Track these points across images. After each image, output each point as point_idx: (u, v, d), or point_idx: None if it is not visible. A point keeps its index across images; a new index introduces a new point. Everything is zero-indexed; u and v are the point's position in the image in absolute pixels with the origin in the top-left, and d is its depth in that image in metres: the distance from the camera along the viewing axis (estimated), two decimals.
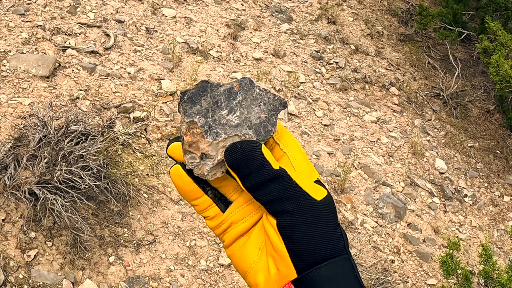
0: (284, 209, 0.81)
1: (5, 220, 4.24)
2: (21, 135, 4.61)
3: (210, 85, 0.85)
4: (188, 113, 0.84)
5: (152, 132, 5.60)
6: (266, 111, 0.87)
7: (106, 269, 4.41)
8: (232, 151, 0.82)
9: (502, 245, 6.45)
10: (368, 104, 7.60)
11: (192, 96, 0.85)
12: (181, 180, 0.89)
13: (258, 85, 0.87)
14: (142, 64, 6.42)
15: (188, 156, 0.86)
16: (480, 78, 8.97)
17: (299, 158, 0.88)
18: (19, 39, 6.01)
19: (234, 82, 0.86)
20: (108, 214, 4.70)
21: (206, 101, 0.85)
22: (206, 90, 0.85)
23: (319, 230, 0.81)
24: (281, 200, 0.81)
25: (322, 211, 0.82)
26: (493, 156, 7.68)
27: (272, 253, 0.83)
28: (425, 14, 8.86)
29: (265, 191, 0.81)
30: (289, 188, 0.81)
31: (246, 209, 0.89)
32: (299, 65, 7.78)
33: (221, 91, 0.85)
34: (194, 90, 0.85)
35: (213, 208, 0.91)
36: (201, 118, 0.84)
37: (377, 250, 5.65)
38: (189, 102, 0.85)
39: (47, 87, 5.52)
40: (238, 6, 8.39)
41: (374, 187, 6.33)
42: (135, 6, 7.41)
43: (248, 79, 0.87)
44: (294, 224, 0.80)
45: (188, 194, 0.90)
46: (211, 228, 0.92)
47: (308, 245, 0.80)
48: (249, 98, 0.86)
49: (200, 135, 0.84)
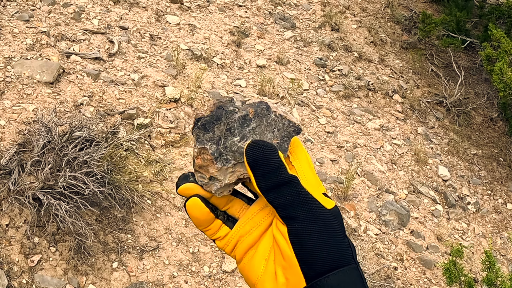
0: (296, 215, 0.81)
1: (9, 225, 4.24)
2: (25, 140, 4.62)
3: (225, 112, 0.86)
4: (200, 139, 0.86)
5: (155, 139, 5.61)
6: (279, 137, 0.87)
7: (110, 275, 4.41)
8: (253, 147, 0.83)
9: (505, 252, 6.44)
10: (372, 112, 7.61)
11: (205, 123, 0.86)
12: (199, 211, 0.90)
13: (274, 111, 0.87)
14: (146, 70, 6.43)
15: (198, 175, 0.88)
16: (483, 85, 8.97)
17: (307, 171, 0.88)
18: (24, 45, 6.03)
19: (250, 108, 0.86)
20: (111, 220, 4.70)
21: (219, 129, 0.85)
22: (220, 119, 0.86)
23: (329, 239, 0.81)
24: (294, 206, 0.81)
25: (332, 220, 0.83)
26: (496, 163, 7.68)
27: (281, 262, 0.84)
28: (428, 22, 8.87)
29: (279, 194, 0.82)
30: (302, 195, 0.82)
31: (252, 221, 0.90)
32: (303, 72, 7.79)
33: (235, 118, 0.86)
34: (208, 118, 0.86)
35: (223, 228, 0.92)
36: (212, 145, 0.86)
37: (380, 257, 5.64)
38: (202, 129, 0.86)
39: (51, 93, 5.54)
40: (242, 13, 8.41)
41: (377, 194, 6.33)
42: (139, 13, 7.43)
43: (265, 104, 0.87)
44: (305, 232, 0.81)
45: (203, 223, 0.92)
46: (221, 248, 0.93)
47: (318, 254, 0.80)
48: (263, 124, 0.87)
49: (210, 161, 0.86)
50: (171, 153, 5.55)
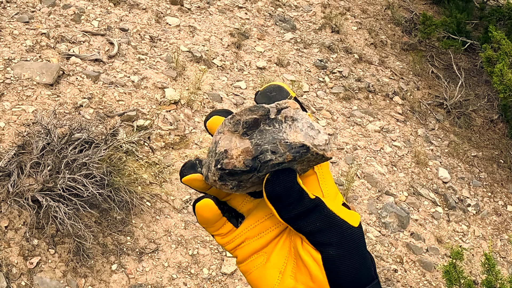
0: (329, 241, 0.80)
1: (8, 227, 4.24)
2: (24, 142, 4.62)
3: (260, 165, 0.79)
4: (224, 179, 0.81)
5: (155, 141, 5.61)
6: (306, 166, 0.82)
7: (109, 277, 4.40)
8: (272, 182, 0.80)
9: (506, 254, 6.43)
10: (372, 113, 7.60)
11: (233, 173, 0.80)
12: (211, 213, 0.87)
13: (313, 152, 0.79)
14: (146, 72, 6.43)
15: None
16: (484, 87, 8.96)
17: (328, 180, 0.86)
18: (23, 46, 6.03)
19: (288, 153, 0.78)
20: (111, 222, 4.70)
21: (247, 176, 0.80)
22: (252, 171, 0.80)
23: (360, 260, 0.81)
24: (324, 231, 0.80)
25: (361, 238, 0.82)
26: (496, 165, 7.67)
27: (308, 283, 0.82)
28: (428, 24, 8.87)
29: (307, 222, 0.80)
30: (331, 218, 0.81)
31: (262, 225, 0.88)
32: (303, 74, 7.79)
33: (268, 166, 0.79)
34: (240, 172, 0.79)
35: (226, 225, 0.90)
36: (233, 182, 0.82)
37: (380, 259, 5.64)
38: (229, 175, 0.80)
39: (51, 95, 5.54)
40: (242, 15, 8.41)
41: (377, 196, 6.32)
42: (139, 14, 7.43)
43: (307, 148, 0.79)
44: (340, 257, 0.80)
45: (211, 223, 0.89)
46: (222, 244, 0.91)
47: (351, 276, 0.80)
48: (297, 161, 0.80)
49: (227, 190, 0.83)
50: (171, 155, 5.54)
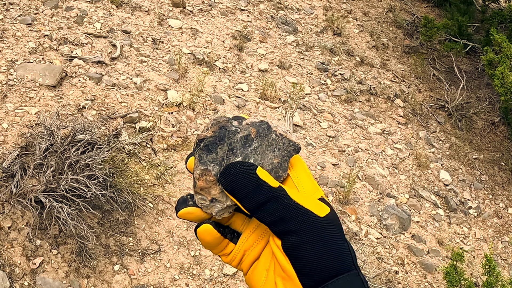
0: (288, 229, 0.81)
1: (11, 228, 4.26)
2: (27, 143, 4.64)
3: (227, 132, 0.86)
4: (203, 160, 0.86)
5: (157, 142, 5.62)
6: (280, 157, 0.88)
7: (111, 278, 4.42)
8: (226, 174, 0.83)
9: (506, 256, 6.44)
10: (373, 116, 7.61)
11: (208, 144, 0.86)
12: (211, 237, 0.90)
13: (275, 130, 0.88)
14: (148, 74, 6.45)
15: (199, 197, 0.88)
16: (485, 90, 8.97)
17: (303, 177, 0.88)
18: (26, 48, 6.05)
19: (252, 128, 0.87)
20: (113, 223, 4.72)
21: (222, 150, 0.86)
22: (223, 139, 0.86)
23: (325, 247, 0.80)
24: (284, 220, 0.81)
25: (327, 227, 0.82)
26: (497, 168, 7.68)
27: (281, 273, 0.83)
28: (430, 26, 8.88)
29: (267, 212, 0.82)
30: (290, 207, 0.81)
31: (254, 234, 0.91)
32: (305, 76, 7.80)
33: (237, 138, 0.86)
34: (212, 139, 0.86)
35: (229, 245, 0.92)
36: (215, 167, 0.86)
37: (381, 261, 5.64)
38: (205, 150, 0.86)
39: (54, 96, 5.56)
40: (244, 17, 8.43)
41: (379, 198, 6.33)
42: (142, 17, 7.45)
43: (266, 123, 0.88)
44: (299, 243, 0.80)
45: (214, 246, 0.92)
46: (227, 262, 0.93)
47: (315, 263, 0.80)
48: (264, 144, 0.87)
49: (212, 182, 0.86)
50: (173, 156, 5.56)
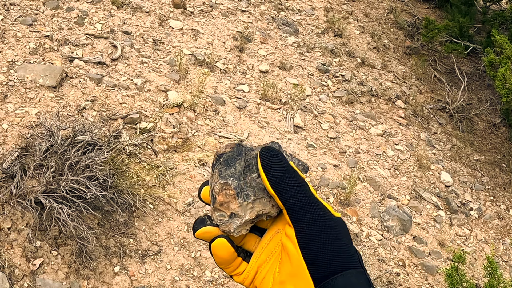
0: (305, 218, 0.83)
1: (11, 229, 4.25)
2: (28, 144, 4.63)
3: (244, 149, 0.91)
4: (223, 175, 0.90)
5: (158, 143, 5.61)
6: None
7: (111, 279, 4.41)
8: (266, 150, 0.87)
9: (508, 258, 6.42)
10: (374, 117, 7.60)
11: (228, 159, 0.90)
12: (225, 252, 0.92)
13: (285, 150, 0.92)
14: (149, 75, 6.44)
15: (218, 213, 0.91)
16: (486, 91, 8.96)
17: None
18: (27, 49, 6.04)
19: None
20: (113, 224, 4.71)
21: (240, 164, 0.90)
22: (241, 154, 0.91)
23: (336, 242, 0.83)
24: (303, 209, 0.83)
25: (338, 226, 0.84)
26: (499, 169, 7.67)
27: (289, 269, 0.85)
28: (431, 28, 8.87)
29: (291, 194, 0.84)
30: (311, 197, 0.85)
31: (267, 249, 0.92)
32: (305, 77, 7.79)
33: (253, 155, 0.91)
34: (230, 154, 0.91)
35: (242, 264, 0.94)
36: (234, 181, 0.89)
37: (382, 263, 5.63)
38: (225, 165, 0.90)
39: (54, 97, 5.55)
40: (245, 18, 8.42)
41: (380, 200, 6.32)
42: (142, 17, 7.44)
43: (277, 144, 0.92)
44: (313, 233, 0.82)
45: (227, 262, 0.94)
46: (240, 282, 0.95)
47: (325, 255, 0.82)
48: None
49: (232, 196, 0.89)
50: (174, 157, 5.55)
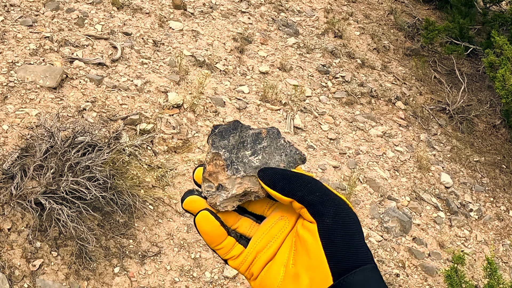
0: (327, 211, 0.83)
1: (11, 230, 4.25)
2: (28, 145, 4.63)
3: (241, 125, 0.92)
4: (216, 145, 0.90)
5: (158, 144, 5.62)
6: (286, 162, 0.91)
7: (111, 280, 4.41)
8: (265, 170, 0.88)
9: (508, 259, 6.42)
10: (374, 118, 7.61)
11: (222, 131, 0.91)
12: (209, 224, 0.91)
13: (283, 137, 0.92)
14: (149, 76, 6.45)
15: (206, 184, 0.91)
16: (486, 92, 8.97)
17: None
18: (27, 50, 6.04)
19: (263, 129, 0.92)
20: (113, 225, 4.71)
21: (234, 138, 0.90)
22: (236, 129, 0.91)
23: (356, 237, 0.83)
24: (323, 203, 0.83)
25: (357, 221, 0.84)
26: (499, 170, 7.67)
27: (306, 262, 0.84)
28: (431, 29, 8.87)
29: (308, 191, 0.84)
30: (330, 193, 0.84)
31: (268, 235, 0.91)
32: (305, 79, 7.79)
33: (249, 133, 0.91)
34: (226, 126, 0.91)
35: (237, 247, 0.92)
36: (226, 152, 0.90)
37: (382, 264, 5.63)
38: (219, 136, 0.91)
39: (54, 98, 5.55)
40: (245, 19, 8.43)
41: (380, 201, 6.32)
42: (143, 19, 7.45)
43: (276, 129, 0.93)
44: (335, 226, 0.82)
45: (215, 239, 0.92)
46: (236, 267, 0.93)
47: (347, 249, 0.81)
48: (273, 146, 0.92)
49: (221, 167, 0.89)
50: (174, 158, 5.55)
